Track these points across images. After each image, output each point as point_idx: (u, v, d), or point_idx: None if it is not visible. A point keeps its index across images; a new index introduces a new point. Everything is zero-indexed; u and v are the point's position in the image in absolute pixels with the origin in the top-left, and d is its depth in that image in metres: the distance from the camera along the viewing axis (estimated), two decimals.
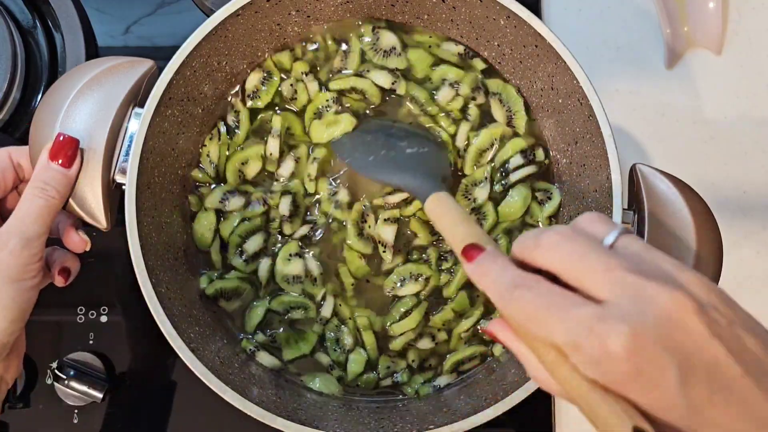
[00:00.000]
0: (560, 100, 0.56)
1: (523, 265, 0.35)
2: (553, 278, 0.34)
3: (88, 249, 0.52)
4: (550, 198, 0.59)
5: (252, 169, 0.59)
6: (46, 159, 0.49)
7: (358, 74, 0.60)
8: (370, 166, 0.57)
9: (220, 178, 0.59)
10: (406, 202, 0.59)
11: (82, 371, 0.61)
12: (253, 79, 0.60)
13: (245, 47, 0.58)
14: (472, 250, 0.37)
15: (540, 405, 0.65)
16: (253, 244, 0.58)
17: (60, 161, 0.48)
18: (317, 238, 0.59)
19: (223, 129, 0.59)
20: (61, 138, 0.49)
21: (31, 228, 0.47)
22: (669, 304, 0.30)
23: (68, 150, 0.49)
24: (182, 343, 0.49)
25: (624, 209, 0.51)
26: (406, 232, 0.59)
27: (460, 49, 0.60)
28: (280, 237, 0.59)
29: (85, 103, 0.52)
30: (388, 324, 0.58)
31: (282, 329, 0.58)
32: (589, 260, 0.33)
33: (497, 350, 0.58)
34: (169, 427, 0.63)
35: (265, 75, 0.60)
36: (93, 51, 0.68)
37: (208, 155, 0.59)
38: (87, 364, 0.62)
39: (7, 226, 0.47)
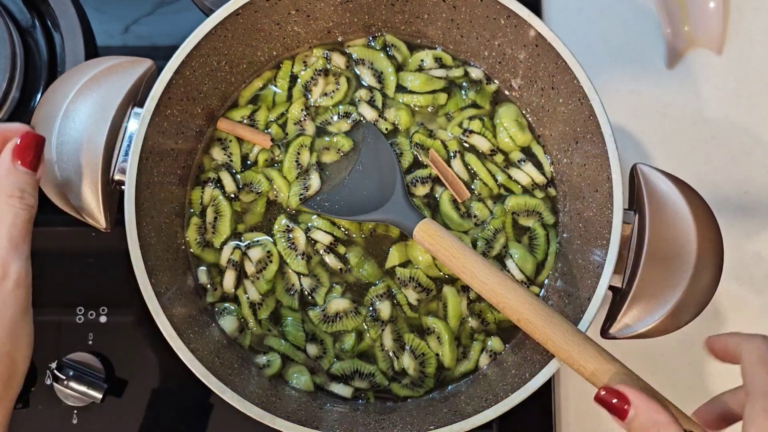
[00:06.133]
0: (561, 100, 0.55)
1: None
2: None
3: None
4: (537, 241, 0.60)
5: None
6: (11, 160, 0.41)
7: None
8: (342, 210, 0.57)
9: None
10: None
11: (81, 372, 0.61)
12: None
13: (245, 47, 0.58)
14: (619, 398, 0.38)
15: (540, 405, 0.65)
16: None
17: (27, 160, 0.41)
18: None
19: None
20: (27, 135, 0.41)
21: (23, 246, 0.41)
22: None
23: (34, 150, 0.41)
24: (181, 344, 0.48)
25: (625, 209, 0.51)
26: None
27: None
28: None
29: (85, 103, 0.52)
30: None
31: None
32: None
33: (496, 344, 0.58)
34: (169, 428, 0.63)
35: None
36: (92, 51, 0.68)
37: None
38: (86, 365, 0.61)
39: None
